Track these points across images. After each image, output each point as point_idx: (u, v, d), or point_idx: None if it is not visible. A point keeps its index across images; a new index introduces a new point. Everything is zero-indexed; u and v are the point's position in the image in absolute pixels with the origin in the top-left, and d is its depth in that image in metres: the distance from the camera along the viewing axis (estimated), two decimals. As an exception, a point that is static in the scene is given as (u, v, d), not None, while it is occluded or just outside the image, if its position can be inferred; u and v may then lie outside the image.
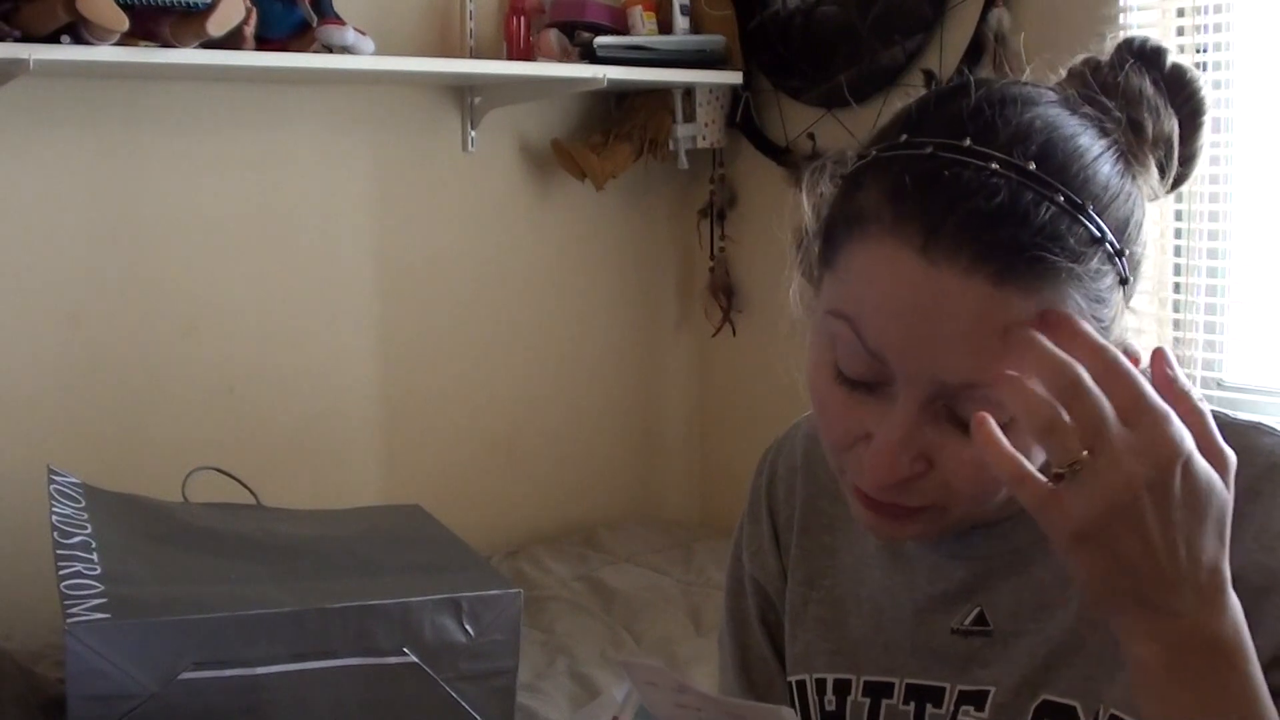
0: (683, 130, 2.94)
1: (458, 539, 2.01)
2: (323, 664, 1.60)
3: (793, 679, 0.94)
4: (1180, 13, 2.28)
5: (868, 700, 0.89)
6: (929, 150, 0.73)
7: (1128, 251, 0.75)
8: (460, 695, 1.65)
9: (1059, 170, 0.73)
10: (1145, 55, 0.80)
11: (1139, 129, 0.78)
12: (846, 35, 2.71)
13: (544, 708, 2.03)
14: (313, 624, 1.59)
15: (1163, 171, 0.79)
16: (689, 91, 2.94)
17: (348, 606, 1.61)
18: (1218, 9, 2.25)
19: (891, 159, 0.75)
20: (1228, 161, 2.28)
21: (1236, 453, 0.71)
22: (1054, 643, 0.83)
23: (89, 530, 1.75)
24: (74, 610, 1.50)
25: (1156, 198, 0.79)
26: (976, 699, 0.85)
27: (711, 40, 2.90)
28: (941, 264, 0.71)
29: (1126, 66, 0.79)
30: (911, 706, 0.87)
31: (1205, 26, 2.27)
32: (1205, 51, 2.27)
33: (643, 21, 2.84)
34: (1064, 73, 0.83)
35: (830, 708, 0.91)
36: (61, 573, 1.60)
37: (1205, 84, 0.82)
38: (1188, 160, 0.81)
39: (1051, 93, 0.78)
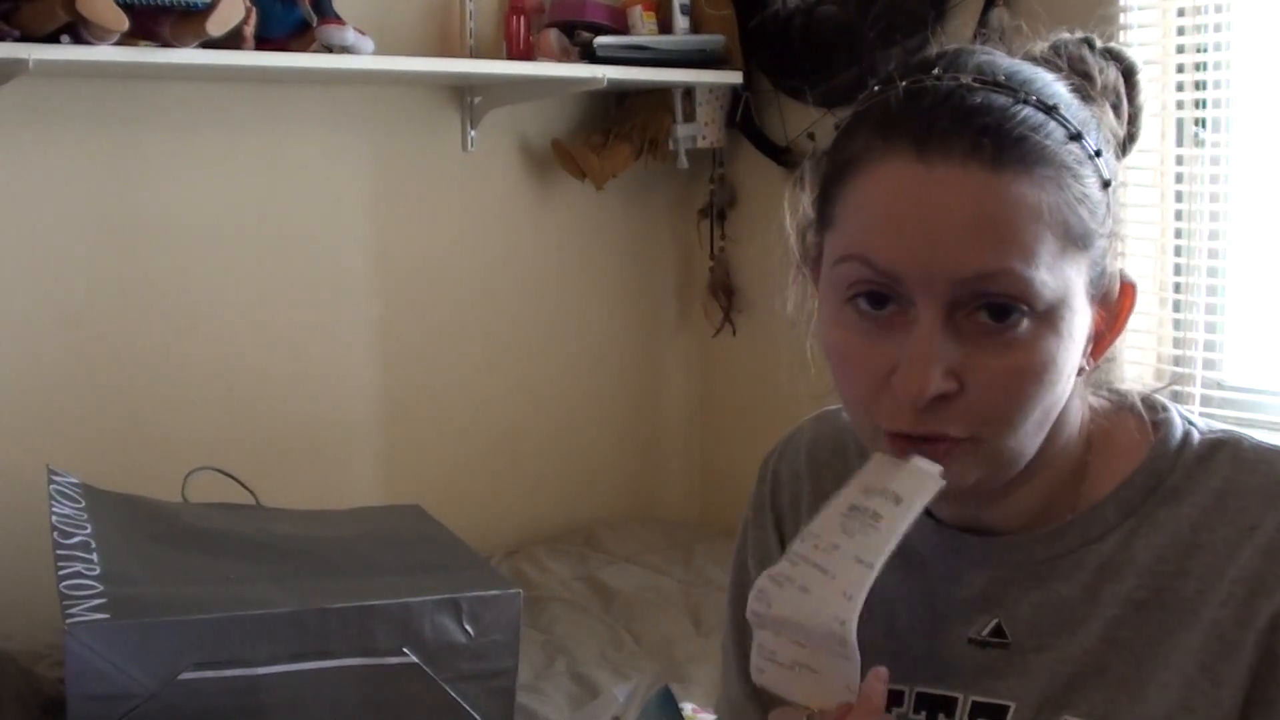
0: (683, 130, 2.94)
1: (458, 539, 2.01)
2: (323, 664, 1.60)
3: None
4: (1180, 13, 2.28)
5: None
6: (903, 85, 0.78)
7: (1104, 155, 0.79)
8: (460, 695, 1.65)
9: (1023, 85, 0.78)
10: (1078, 40, 0.86)
11: (1088, 77, 0.83)
12: (846, 35, 2.71)
13: (544, 708, 2.03)
14: (313, 624, 1.59)
15: (1117, 118, 0.84)
16: (689, 91, 2.94)
17: (348, 606, 1.62)
18: (1218, 9, 2.25)
19: (869, 106, 0.79)
20: (1228, 162, 2.28)
21: (1272, 485, 0.79)
22: (1076, 663, 0.82)
23: (89, 530, 1.75)
24: (74, 610, 1.50)
25: (1119, 142, 0.84)
26: (993, 712, 0.84)
27: (711, 40, 2.90)
28: (936, 161, 0.74)
29: (1066, 44, 0.85)
30: (922, 716, 0.87)
31: (1205, 26, 2.26)
32: (1205, 51, 2.27)
33: (643, 21, 2.84)
34: None
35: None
36: (61, 573, 1.60)
37: (1134, 58, 0.88)
38: (1134, 117, 0.86)
39: (1005, 51, 0.84)
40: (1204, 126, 2.28)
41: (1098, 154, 0.78)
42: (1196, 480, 0.83)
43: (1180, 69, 2.29)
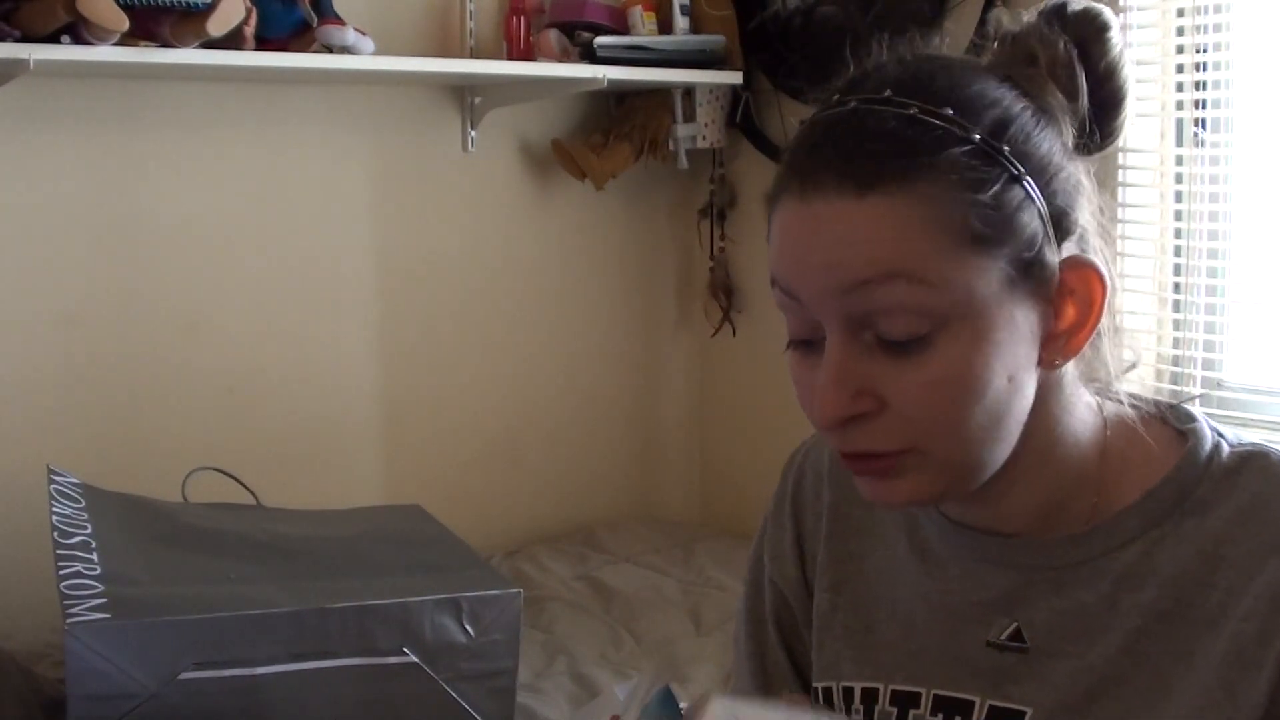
0: (683, 130, 2.94)
1: (458, 539, 2.01)
2: (323, 664, 1.60)
3: (819, 685, 0.94)
4: (1180, 13, 2.28)
5: (895, 710, 0.88)
6: (809, 121, 0.81)
7: (1008, 148, 0.77)
8: (460, 695, 1.65)
9: (914, 90, 0.78)
10: (1047, 9, 0.85)
11: (1032, 59, 0.82)
12: (846, 35, 2.70)
13: (544, 708, 2.03)
14: (313, 624, 1.59)
15: (1071, 93, 0.82)
16: (689, 91, 2.94)
17: (348, 606, 1.61)
18: (1218, 9, 2.25)
19: (790, 146, 0.82)
20: (1228, 162, 2.28)
21: None
22: (1096, 671, 0.81)
23: (89, 530, 1.75)
24: (74, 610, 1.50)
25: (1081, 116, 0.81)
26: (1009, 717, 0.83)
27: (711, 40, 2.90)
28: (813, 198, 0.78)
29: (1011, 32, 0.85)
30: (939, 718, 0.86)
31: (1205, 26, 2.26)
32: (1205, 51, 2.27)
33: (643, 21, 2.83)
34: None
35: (858, 717, 0.90)
36: (61, 573, 1.60)
37: (1106, 14, 0.84)
38: (1108, 76, 0.83)
39: (935, 50, 0.85)
40: (1204, 126, 2.28)
41: (997, 150, 0.77)
42: (1223, 493, 0.81)
43: (1180, 69, 2.29)
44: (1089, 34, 0.82)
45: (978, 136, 0.77)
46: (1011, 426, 0.80)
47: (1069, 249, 0.80)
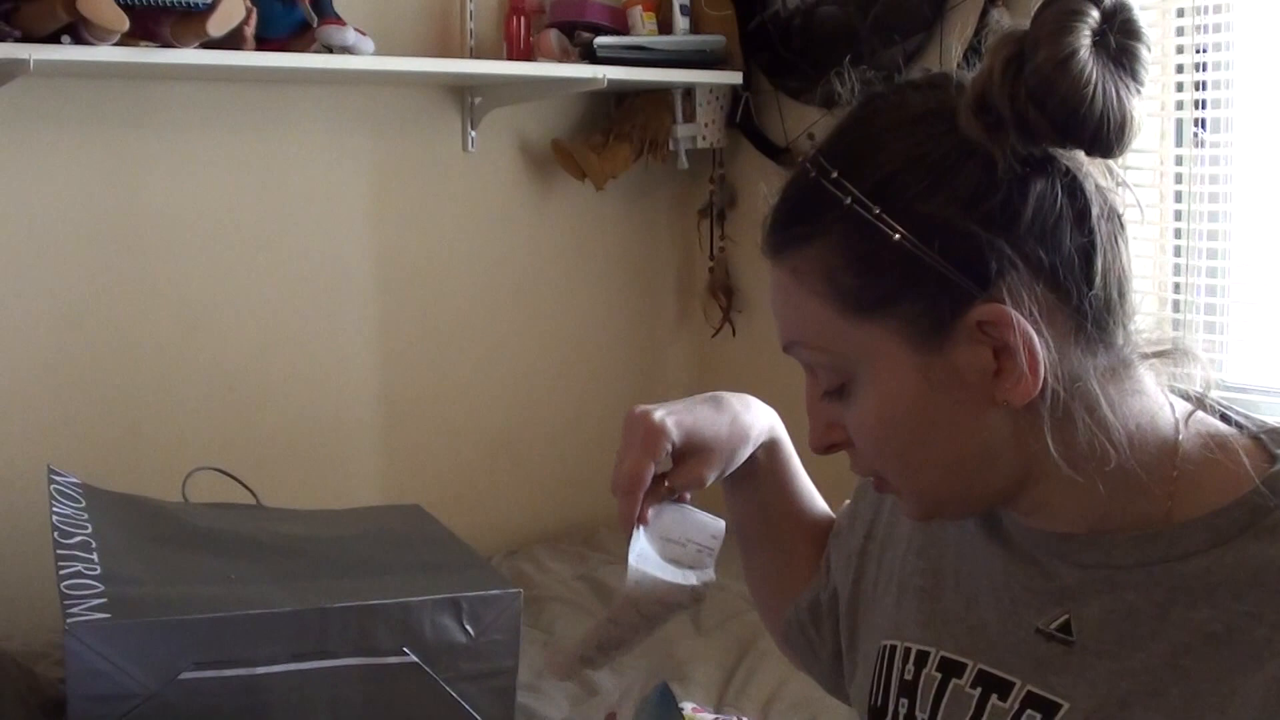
0: (683, 130, 2.94)
1: (458, 539, 2.01)
2: (323, 664, 1.60)
3: (886, 643, 0.94)
4: (1180, 13, 2.28)
5: (939, 676, 0.89)
6: None
7: (886, 207, 0.77)
8: (460, 695, 1.65)
9: (827, 148, 0.82)
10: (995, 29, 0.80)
11: (975, 80, 0.77)
12: (846, 35, 2.71)
13: (544, 708, 2.03)
14: (313, 624, 1.59)
15: (995, 116, 0.75)
16: (689, 91, 2.94)
17: (348, 606, 1.62)
18: (1218, 9, 2.25)
19: None
20: (1227, 162, 2.28)
21: None
22: (1136, 678, 0.80)
23: (89, 530, 1.75)
24: (74, 610, 1.50)
25: (1032, 134, 0.76)
26: (1044, 707, 0.83)
27: (711, 40, 2.90)
28: (767, 263, 0.86)
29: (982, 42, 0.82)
30: (977, 692, 0.86)
31: (1205, 26, 2.27)
32: (1205, 51, 2.27)
33: (643, 21, 2.84)
34: None
35: (908, 677, 0.91)
36: (61, 573, 1.60)
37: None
38: (1047, 84, 0.74)
39: (896, 82, 0.84)
40: (1204, 126, 2.28)
41: (869, 212, 0.76)
42: None
43: (1180, 69, 2.29)
44: (1046, 31, 0.75)
45: (849, 200, 0.78)
46: (979, 460, 0.82)
47: (1000, 291, 0.76)
